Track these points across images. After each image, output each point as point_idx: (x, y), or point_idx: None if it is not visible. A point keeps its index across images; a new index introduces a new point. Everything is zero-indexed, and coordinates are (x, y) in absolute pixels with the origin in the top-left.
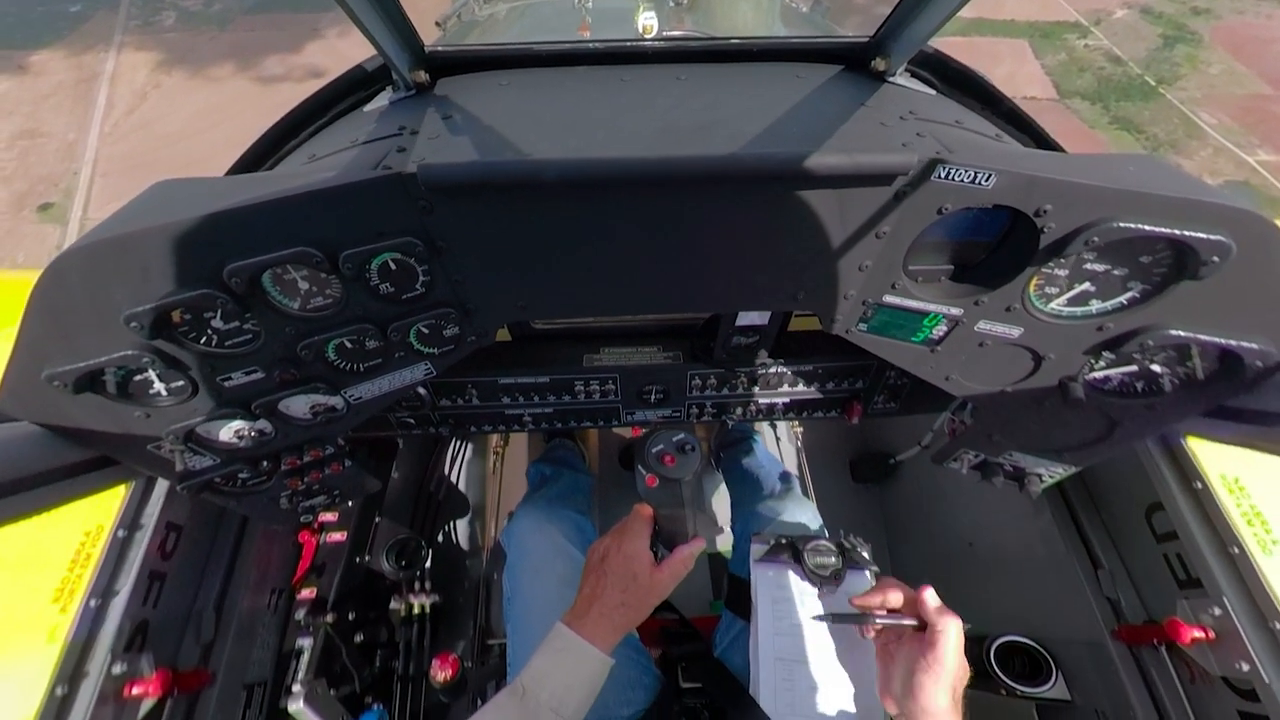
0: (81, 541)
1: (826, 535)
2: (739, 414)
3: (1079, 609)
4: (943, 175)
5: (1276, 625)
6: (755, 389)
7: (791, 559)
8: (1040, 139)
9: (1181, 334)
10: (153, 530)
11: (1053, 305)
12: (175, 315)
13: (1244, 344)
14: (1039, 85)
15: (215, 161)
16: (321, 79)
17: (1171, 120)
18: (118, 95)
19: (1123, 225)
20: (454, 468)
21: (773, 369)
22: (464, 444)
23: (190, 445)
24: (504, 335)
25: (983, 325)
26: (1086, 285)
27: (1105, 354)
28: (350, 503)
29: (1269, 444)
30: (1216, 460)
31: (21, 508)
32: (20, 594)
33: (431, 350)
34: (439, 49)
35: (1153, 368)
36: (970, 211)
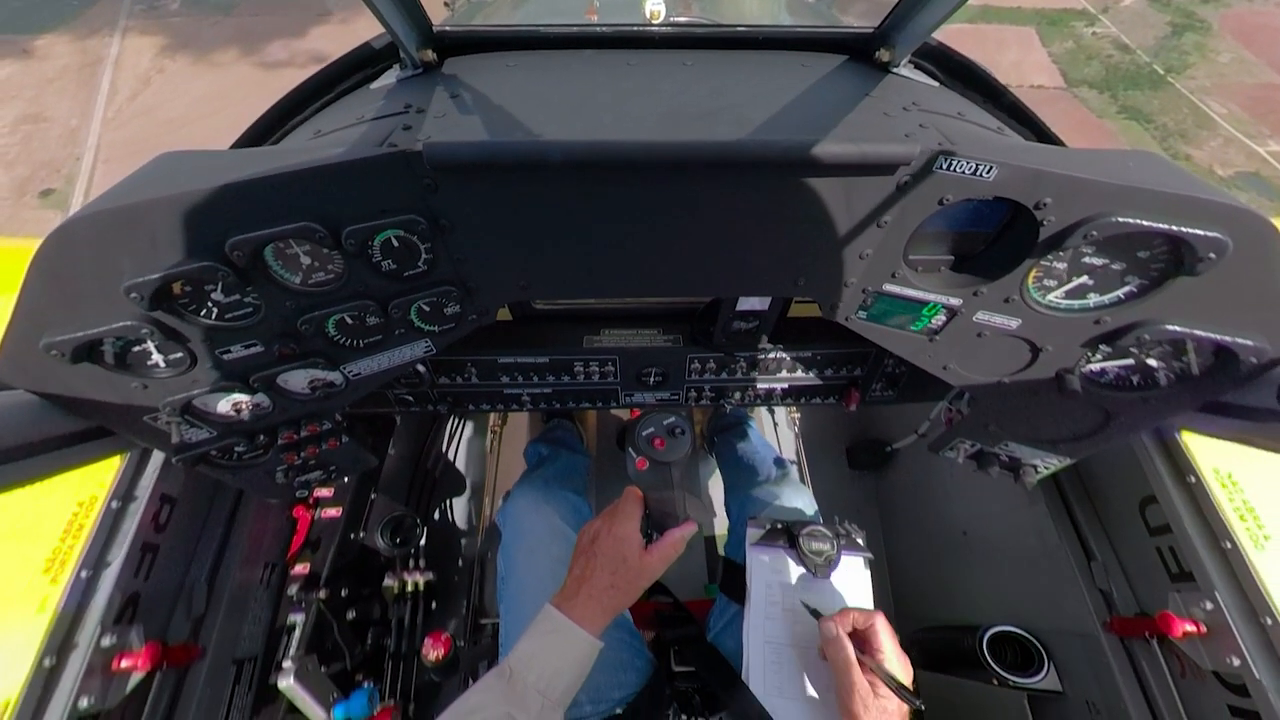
0: (74, 512)
1: (821, 521)
2: (737, 398)
3: (1071, 600)
4: (944, 167)
5: (1267, 621)
6: (754, 374)
7: (787, 544)
8: (1041, 133)
9: (1178, 329)
10: (147, 502)
11: (1051, 298)
12: (175, 287)
13: (1239, 340)
14: (1046, 74)
15: (217, 147)
16: (325, 63)
17: (1181, 110)
18: (121, 80)
19: (1121, 220)
20: (451, 446)
21: (772, 354)
22: (462, 422)
23: (187, 417)
24: (504, 315)
25: (981, 316)
26: (1085, 279)
27: (1102, 347)
28: (346, 478)
29: (1262, 439)
30: (1210, 455)
31: (14, 477)
32: (11, 564)
33: (432, 328)
34: (447, 29)
35: (1149, 362)
36: (971, 203)
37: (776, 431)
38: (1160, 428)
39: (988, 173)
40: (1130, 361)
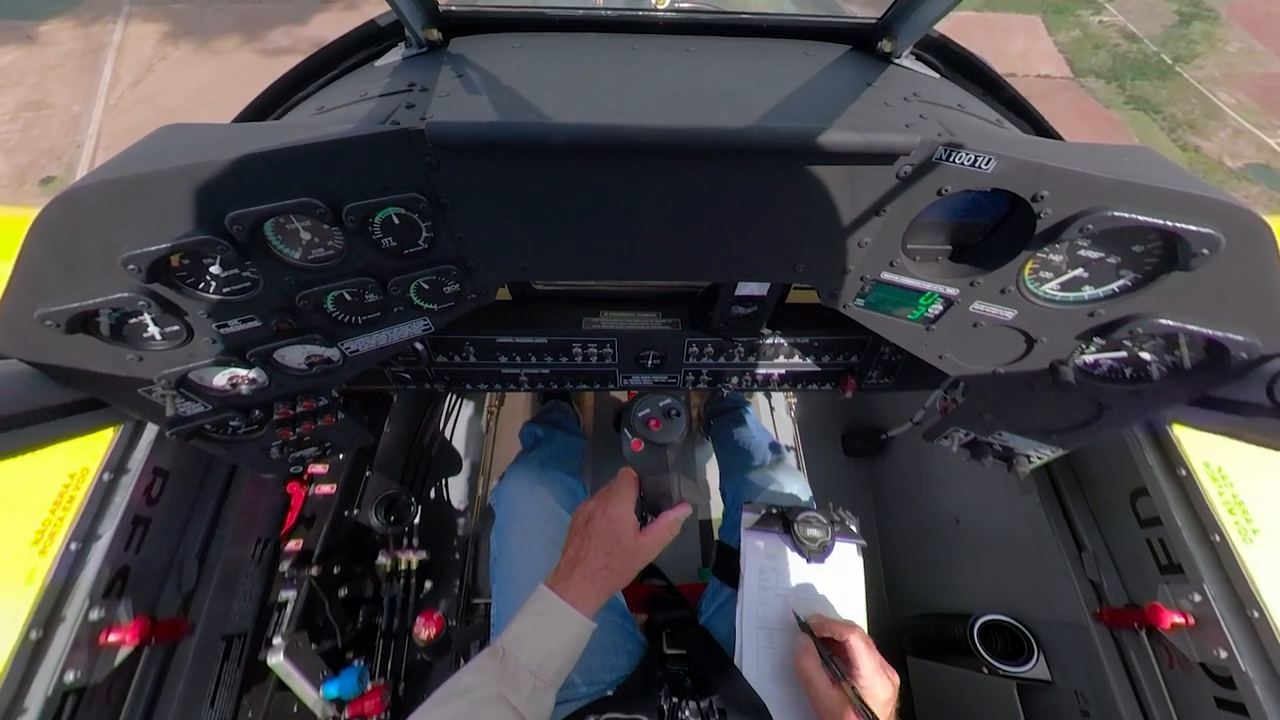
0: (65, 484)
1: (815, 507)
2: (735, 383)
3: (1062, 590)
4: (944, 157)
5: (1255, 614)
6: (751, 359)
7: (782, 529)
8: (1040, 126)
9: (1170, 323)
10: (139, 475)
11: (1046, 289)
12: (174, 260)
13: (1230, 336)
14: (1052, 63)
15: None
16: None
17: (1189, 100)
18: (124, 67)
19: (1117, 214)
20: (448, 425)
21: (769, 340)
22: (459, 402)
23: (182, 390)
24: (504, 295)
25: (978, 306)
26: (1080, 271)
27: (1096, 339)
28: (341, 455)
29: (1251, 434)
30: (1201, 449)
31: (4, 447)
32: None
33: (431, 306)
34: (453, 8)
35: (1141, 355)
36: (969, 194)
37: (773, 417)
38: (1152, 421)
39: (986, 165)
40: (1123, 354)
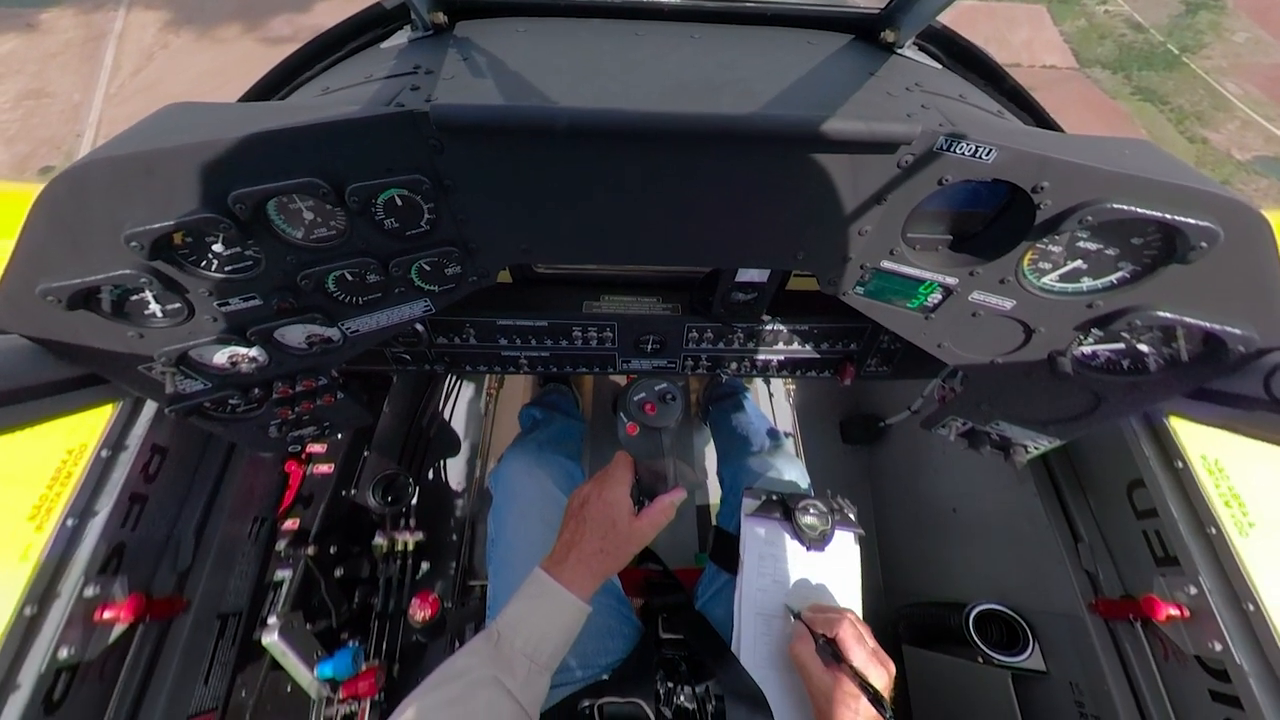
0: (63, 460)
1: (813, 494)
2: (734, 369)
3: (1058, 580)
4: (945, 147)
5: (1250, 607)
6: (751, 345)
7: (782, 516)
8: (1041, 118)
9: (1168, 315)
10: (137, 452)
11: (1045, 280)
12: (176, 238)
13: (1228, 329)
14: (1058, 53)
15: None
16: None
17: (1196, 91)
18: (125, 55)
19: (1116, 206)
20: (447, 407)
21: (769, 326)
22: (458, 383)
23: (182, 368)
24: (505, 277)
25: (977, 296)
26: (1079, 263)
27: (1094, 331)
28: (340, 435)
29: (1247, 427)
30: (1198, 441)
31: (3, 422)
32: None
33: (432, 287)
34: None
35: (1139, 347)
36: (970, 184)
37: (771, 403)
38: (1149, 413)
39: (987, 155)
40: (1121, 346)
